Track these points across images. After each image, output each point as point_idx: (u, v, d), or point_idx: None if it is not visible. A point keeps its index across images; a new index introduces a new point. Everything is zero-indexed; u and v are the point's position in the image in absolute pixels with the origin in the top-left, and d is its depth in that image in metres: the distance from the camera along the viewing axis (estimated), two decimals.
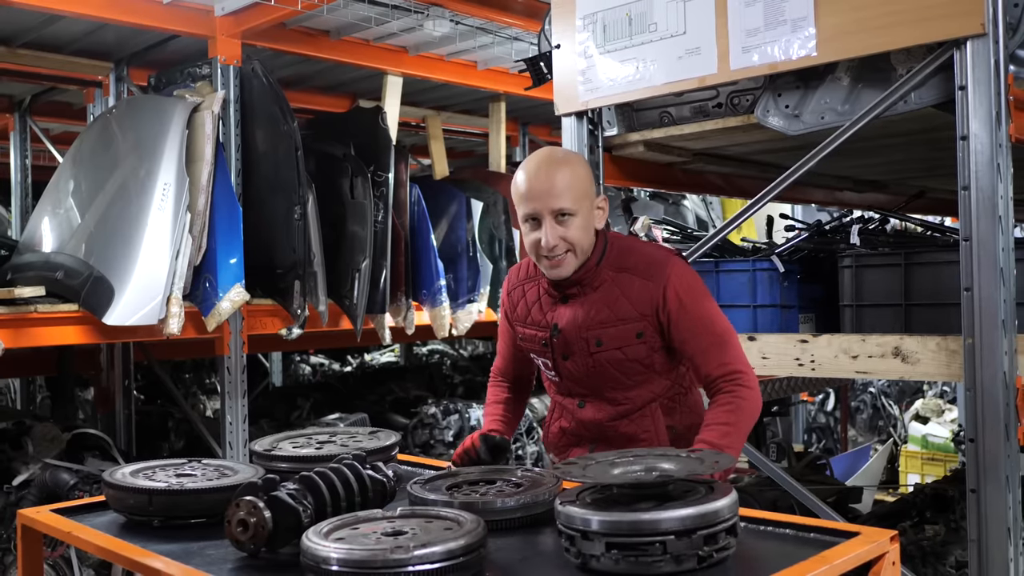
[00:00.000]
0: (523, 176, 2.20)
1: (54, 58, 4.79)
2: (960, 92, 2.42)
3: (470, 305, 5.06)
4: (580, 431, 2.35)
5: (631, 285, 2.21)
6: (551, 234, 2.16)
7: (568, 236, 2.17)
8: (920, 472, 6.54)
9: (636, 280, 2.21)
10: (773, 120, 2.84)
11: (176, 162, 3.96)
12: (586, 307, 2.24)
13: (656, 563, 1.53)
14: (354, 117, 4.96)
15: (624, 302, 2.21)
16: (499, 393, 2.53)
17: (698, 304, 2.21)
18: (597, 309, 2.23)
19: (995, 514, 2.39)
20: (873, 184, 4.58)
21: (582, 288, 2.25)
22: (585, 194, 2.20)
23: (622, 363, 2.24)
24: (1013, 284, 2.42)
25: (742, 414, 2.14)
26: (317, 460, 2.06)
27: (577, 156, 2.34)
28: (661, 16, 2.89)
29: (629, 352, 2.22)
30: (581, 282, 2.24)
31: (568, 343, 2.26)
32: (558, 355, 2.30)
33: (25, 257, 4.22)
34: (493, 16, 4.37)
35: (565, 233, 2.17)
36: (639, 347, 2.22)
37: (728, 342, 2.21)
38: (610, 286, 2.23)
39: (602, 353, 2.23)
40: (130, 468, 2.09)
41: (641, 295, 2.20)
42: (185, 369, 7.57)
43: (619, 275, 2.23)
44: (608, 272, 2.24)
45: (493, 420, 2.46)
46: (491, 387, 2.56)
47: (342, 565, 1.46)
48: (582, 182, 2.20)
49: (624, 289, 2.22)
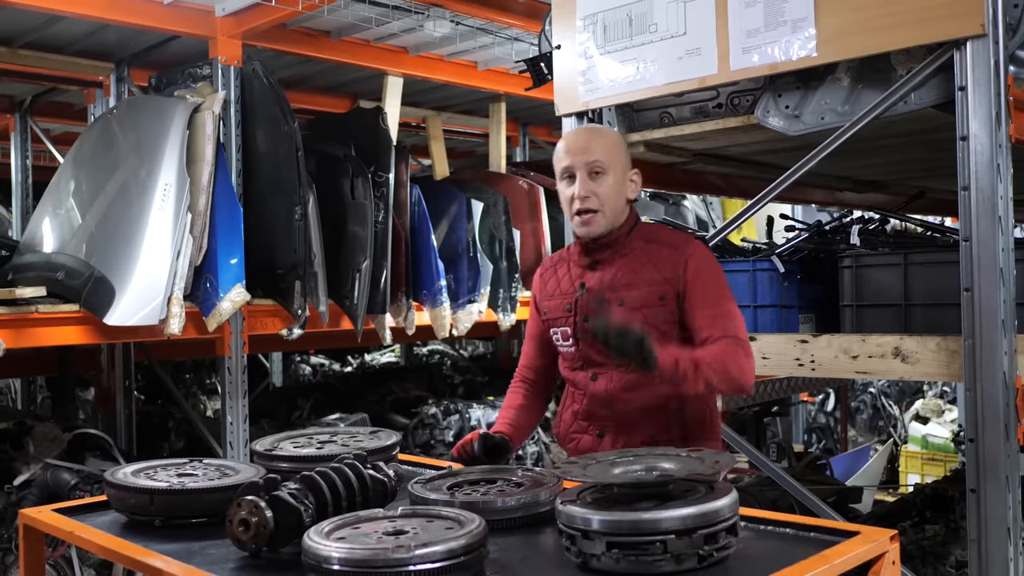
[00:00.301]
0: (563, 140, 2.41)
1: (55, 59, 4.79)
2: (960, 93, 2.42)
3: (470, 305, 5.06)
4: (592, 409, 2.37)
5: (659, 253, 2.33)
6: (582, 187, 2.30)
7: (599, 192, 2.30)
8: (920, 472, 6.54)
9: (664, 249, 2.33)
10: (773, 120, 2.84)
11: (177, 162, 3.96)
12: (614, 270, 2.35)
13: (657, 562, 1.53)
14: (355, 118, 4.97)
15: (650, 267, 2.32)
16: (515, 398, 2.56)
17: (714, 279, 2.31)
18: (625, 272, 2.34)
19: (995, 514, 2.39)
20: (873, 184, 4.58)
21: (611, 254, 2.36)
22: (619, 159, 2.36)
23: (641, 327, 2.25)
24: (1013, 284, 2.42)
25: (732, 360, 2.17)
26: (318, 460, 2.07)
27: (613, 130, 2.51)
28: (661, 17, 2.89)
29: (649, 315, 2.28)
30: (611, 246, 2.36)
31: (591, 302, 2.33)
32: (579, 318, 2.36)
33: (26, 257, 4.22)
34: (493, 17, 4.37)
35: (596, 188, 2.30)
36: (659, 310, 2.29)
37: (735, 316, 2.28)
38: (639, 253, 2.34)
39: (623, 313, 2.27)
40: (131, 468, 2.10)
41: (668, 261, 2.30)
42: (186, 369, 7.57)
43: (648, 245, 2.36)
44: (638, 242, 2.36)
45: (502, 423, 2.47)
46: (509, 391, 2.59)
47: (343, 564, 1.46)
48: (617, 147, 2.38)
49: (652, 256, 2.33)
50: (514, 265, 5.37)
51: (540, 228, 5.61)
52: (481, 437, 2.28)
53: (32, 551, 2.14)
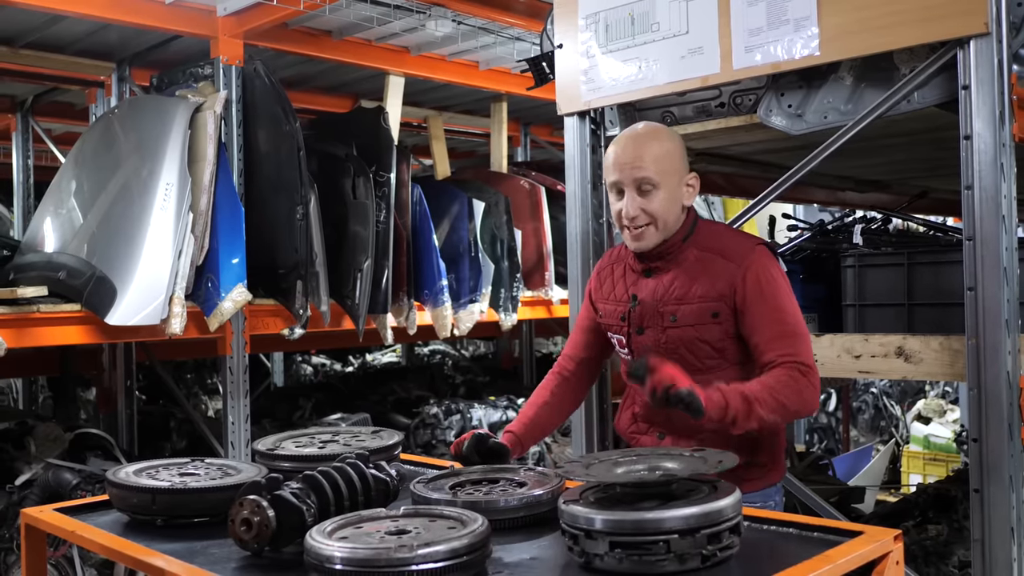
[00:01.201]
0: (612, 148, 2.25)
1: (56, 58, 4.79)
2: (963, 91, 2.41)
3: (472, 305, 5.06)
4: (650, 415, 2.31)
5: (714, 264, 2.20)
6: (631, 205, 2.19)
7: (649, 208, 2.19)
8: (922, 472, 6.54)
9: (719, 260, 2.20)
10: (776, 120, 2.84)
11: (178, 162, 3.96)
12: (667, 282, 2.25)
13: (660, 562, 1.53)
14: (356, 117, 4.96)
15: (705, 280, 2.20)
16: (542, 394, 2.48)
17: (776, 294, 2.17)
18: (678, 284, 2.23)
19: (999, 514, 2.38)
20: (875, 184, 4.58)
21: (666, 263, 2.26)
22: (673, 169, 2.22)
23: (694, 342, 2.21)
24: (1016, 283, 2.42)
25: (791, 391, 2.05)
26: (320, 459, 2.06)
27: (668, 131, 2.33)
28: (664, 16, 2.89)
29: (703, 332, 2.20)
30: (664, 256, 2.25)
31: (644, 316, 2.27)
32: (633, 328, 2.30)
33: (27, 257, 4.22)
34: (495, 16, 4.36)
35: (646, 205, 2.18)
36: (713, 327, 2.19)
37: (799, 335, 2.15)
38: (693, 264, 2.23)
39: (675, 329, 2.22)
40: (133, 467, 2.09)
41: (723, 275, 2.18)
42: (187, 369, 7.58)
43: (704, 254, 2.23)
44: (693, 250, 2.24)
45: (518, 421, 2.42)
46: (540, 385, 2.51)
47: (346, 564, 1.46)
48: (670, 156, 2.22)
49: (707, 268, 2.21)
50: (515, 265, 5.37)
51: (542, 228, 5.60)
52: (474, 437, 2.22)
53: (34, 551, 2.13)
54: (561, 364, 2.53)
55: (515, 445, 2.35)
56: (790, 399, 2.05)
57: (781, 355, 2.10)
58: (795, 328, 2.15)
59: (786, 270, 3.12)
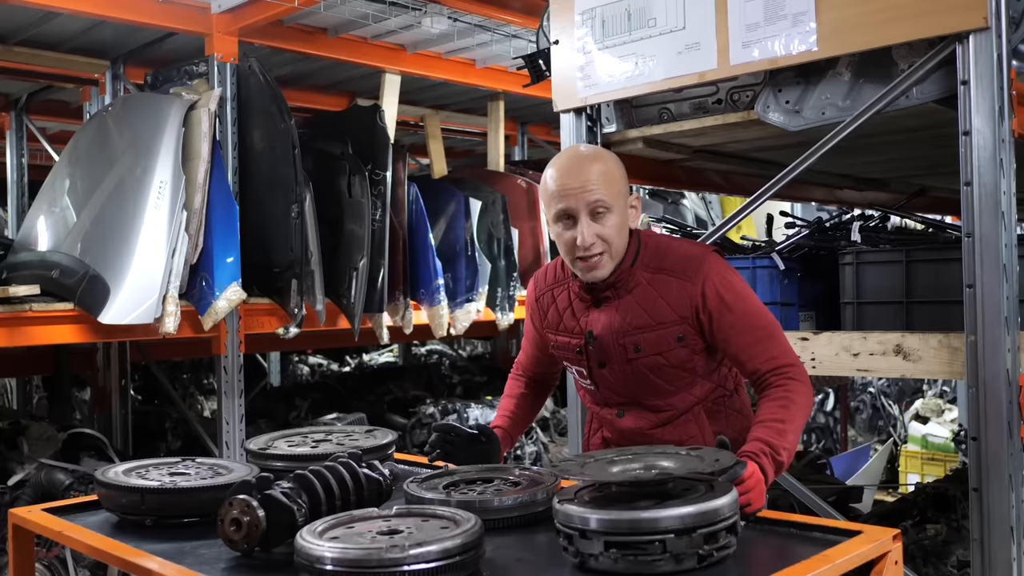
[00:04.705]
0: (553, 173, 2.08)
1: (50, 56, 4.78)
2: (962, 87, 2.39)
3: (468, 304, 5.04)
4: (622, 441, 2.22)
5: (668, 286, 2.10)
6: (587, 231, 2.03)
7: (604, 233, 2.05)
8: (920, 472, 6.52)
9: (673, 281, 2.10)
10: (773, 116, 2.82)
11: (172, 160, 3.94)
12: (622, 312, 2.12)
13: (656, 562, 1.51)
14: (352, 115, 4.95)
15: (662, 304, 2.09)
16: (516, 387, 2.46)
17: (739, 300, 2.08)
18: (634, 314, 2.11)
19: (998, 513, 2.37)
20: (874, 182, 4.56)
21: (616, 291, 2.13)
22: (620, 191, 2.08)
23: (663, 369, 2.12)
24: (1016, 280, 2.40)
25: (795, 408, 2.00)
26: (312, 459, 2.04)
27: (607, 152, 2.21)
28: (660, 11, 2.87)
29: (670, 357, 2.11)
30: (615, 285, 2.12)
31: (604, 350, 2.15)
32: (593, 363, 2.18)
33: (20, 256, 4.20)
34: (491, 13, 4.34)
35: (601, 231, 2.04)
36: (680, 351, 2.10)
37: (773, 335, 2.09)
38: (646, 288, 2.11)
39: (641, 359, 2.12)
40: (123, 467, 2.07)
41: (679, 296, 2.08)
42: (183, 369, 7.55)
43: (655, 276, 2.11)
44: (643, 273, 2.12)
45: (501, 416, 2.40)
46: (510, 379, 2.49)
47: (336, 564, 1.44)
48: (615, 177, 2.09)
49: (661, 291, 2.10)
50: (512, 264, 5.36)
51: (538, 227, 5.59)
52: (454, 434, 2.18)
53: (22, 551, 2.11)
54: (523, 367, 2.48)
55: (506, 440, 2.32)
56: (798, 415, 2.01)
57: (765, 363, 2.05)
58: (768, 329, 2.09)
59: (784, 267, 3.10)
